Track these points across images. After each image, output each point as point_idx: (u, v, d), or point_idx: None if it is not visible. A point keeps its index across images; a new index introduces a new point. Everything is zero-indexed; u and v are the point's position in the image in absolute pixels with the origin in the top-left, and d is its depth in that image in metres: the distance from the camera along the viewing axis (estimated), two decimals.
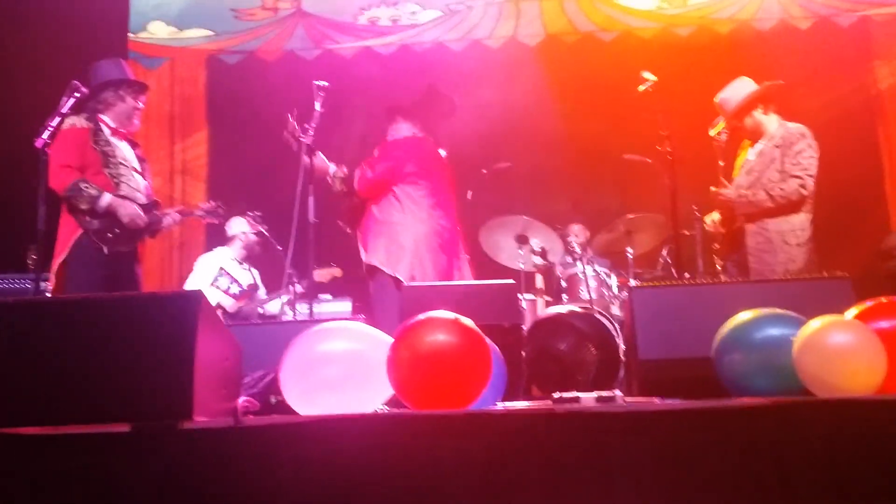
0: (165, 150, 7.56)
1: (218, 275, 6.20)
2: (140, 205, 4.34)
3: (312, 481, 1.94)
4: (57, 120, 3.88)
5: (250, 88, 7.26)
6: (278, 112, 4.72)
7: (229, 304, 6.11)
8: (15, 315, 2.07)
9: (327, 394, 2.23)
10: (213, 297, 6.06)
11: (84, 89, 4.05)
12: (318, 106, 4.43)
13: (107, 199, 4.16)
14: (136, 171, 4.45)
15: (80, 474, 1.93)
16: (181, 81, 7.78)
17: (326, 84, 4.47)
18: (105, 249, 4.17)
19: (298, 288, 5.77)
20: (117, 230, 4.21)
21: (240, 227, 6.30)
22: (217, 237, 6.54)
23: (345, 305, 6.35)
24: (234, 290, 6.19)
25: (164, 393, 1.94)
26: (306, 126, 4.43)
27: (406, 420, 2.03)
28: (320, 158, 4.68)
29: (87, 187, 4.14)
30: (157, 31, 7.72)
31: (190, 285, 6.19)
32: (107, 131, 4.37)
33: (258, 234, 6.22)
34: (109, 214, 4.19)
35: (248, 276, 6.30)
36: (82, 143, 4.27)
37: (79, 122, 4.28)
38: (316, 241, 4.39)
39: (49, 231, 3.94)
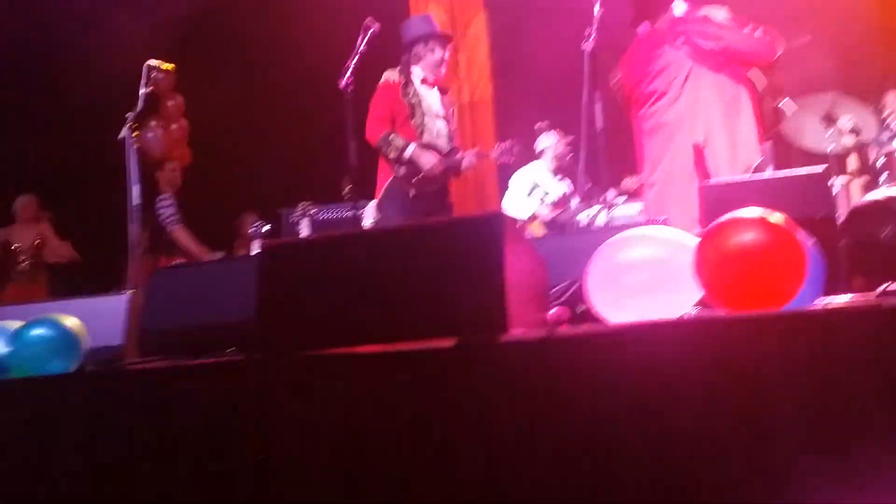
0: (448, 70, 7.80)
1: (532, 188, 6.43)
2: (441, 151, 4.71)
3: (626, 388, 1.96)
4: (355, 60, 4.26)
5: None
6: (563, 19, 4.71)
7: (545, 213, 6.32)
8: (347, 245, 2.30)
9: (635, 300, 2.24)
10: (530, 208, 6.30)
11: (376, 24, 4.37)
12: (597, 8, 4.35)
13: (410, 149, 4.64)
14: (440, 117, 4.79)
15: (413, 387, 2.11)
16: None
17: None
18: (411, 192, 4.61)
19: (612, 194, 5.81)
20: (421, 175, 4.61)
21: (549, 139, 6.46)
22: (529, 153, 6.70)
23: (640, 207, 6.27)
24: (549, 200, 6.37)
25: (482, 309, 2.06)
26: (588, 31, 4.38)
27: (721, 323, 1.99)
28: None
29: (393, 139, 4.66)
30: None
31: (507, 201, 6.48)
32: (417, 83, 4.76)
33: (567, 143, 6.33)
34: (413, 162, 4.59)
35: (561, 186, 6.45)
36: (393, 96, 4.78)
37: (392, 76, 4.79)
38: (609, 148, 4.37)
39: (360, 165, 4.35)
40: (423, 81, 4.86)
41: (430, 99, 4.89)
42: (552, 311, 2.39)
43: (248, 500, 2.19)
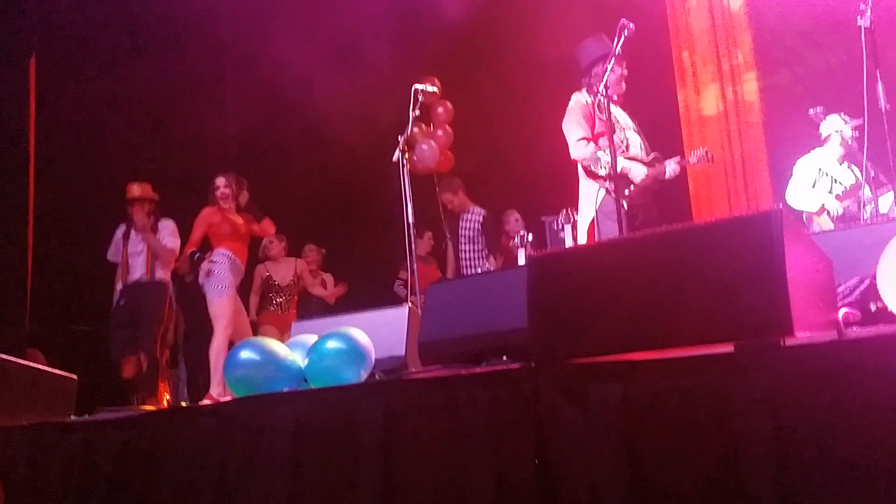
0: (711, 56, 7.58)
1: (818, 177, 6.04)
2: (645, 162, 4.72)
3: None
4: (612, 62, 4.28)
5: None
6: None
7: (834, 206, 5.92)
8: (616, 251, 2.30)
9: None
10: (816, 199, 5.94)
11: (631, 24, 4.35)
12: None
13: (621, 163, 4.60)
14: (634, 131, 4.80)
15: (693, 394, 2.06)
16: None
17: None
18: (624, 204, 4.62)
19: None
20: (631, 187, 4.61)
21: (834, 125, 6.03)
22: (812, 141, 6.32)
23: None
24: (837, 190, 5.97)
25: (762, 311, 1.96)
26: (863, 5, 4.05)
27: None
28: None
29: (602, 156, 4.68)
30: None
31: (791, 191, 6.13)
32: (605, 101, 4.75)
33: (855, 128, 5.88)
34: (623, 176, 4.59)
35: (849, 174, 6.00)
36: (589, 115, 4.85)
37: (583, 97, 4.90)
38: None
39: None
40: (609, 99, 4.89)
41: (620, 115, 4.98)
42: (841, 311, 2.23)
43: None
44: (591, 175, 4.97)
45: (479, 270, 6.90)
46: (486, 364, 2.95)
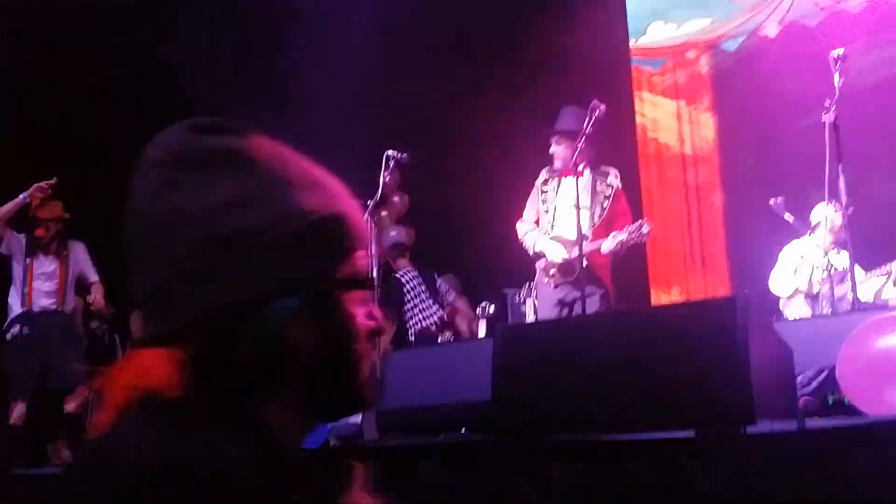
0: (675, 141, 7.75)
1: (798, 265, 6.02)
2: (568, 242, 4.71)
3: (889, 486, 1.81)
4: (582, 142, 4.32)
5: (755, 69, 7.10)
6: (787, 90, 4.54)
7: (808, 288, 5.85)
8: (584, 329, 2.30)
9: None
10: (792, 284, 5.89)
11: (602, 106, 4.40)
12: (837, 79, 4.13)
13: (537, 246, 4.70)
14: (580, 207, 4.64)
15: (652, 478, 2.05)
16: (684, 77, 7.91)
17: (842, 52, 4.15)
18: (552, 283, 4.65)
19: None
20: (553, 268, 4.64)
21: (822, 212, 6.02)
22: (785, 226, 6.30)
23: None
24: (817, 276, 5.92)
25: (725, 399, 1.97)
26: (827, 103, 4.16)
27: None
28: None
29: (526, 237, 4.75)
30: (657, 32, 7.94)
31: (773, 275, 6.07)
32: (557, 175, 4.83)
33: (846, 216, 5.83)
34: (542, 256, 4.68)
35: (840, 259, 5.95)
36: (535, 194, 4.91)
37: (541, 174, 4.92)
38: (852, 224, 4.09)
39: None
40: (563, 173, 4.95)
41: (567, 190, 4.90)
42: (801, 401, 2.25)
43: None
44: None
45: None
46: (445, 436, 2.91)
